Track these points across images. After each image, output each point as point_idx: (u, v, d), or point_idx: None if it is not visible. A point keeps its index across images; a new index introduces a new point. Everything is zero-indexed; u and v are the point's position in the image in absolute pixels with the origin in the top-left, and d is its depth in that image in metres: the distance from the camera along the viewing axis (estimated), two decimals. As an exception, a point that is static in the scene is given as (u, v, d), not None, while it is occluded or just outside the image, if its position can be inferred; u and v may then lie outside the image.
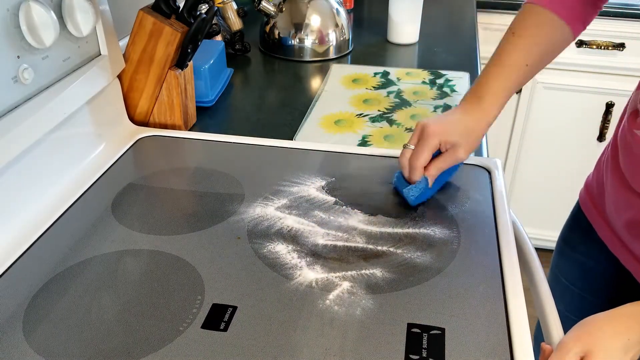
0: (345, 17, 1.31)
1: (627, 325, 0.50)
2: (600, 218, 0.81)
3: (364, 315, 0.53)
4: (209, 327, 0.52)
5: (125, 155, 0.81)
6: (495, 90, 0.70)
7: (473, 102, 0.71)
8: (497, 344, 0.50)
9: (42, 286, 0.57)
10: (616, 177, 0.73)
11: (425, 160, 0.68)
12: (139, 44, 0.83)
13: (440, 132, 0.68)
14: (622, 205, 0.72)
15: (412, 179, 0.69)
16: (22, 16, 0.61)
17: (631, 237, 0.72)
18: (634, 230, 0.71)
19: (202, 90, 1.00)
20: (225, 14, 1.23)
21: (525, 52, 0.70)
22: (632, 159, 0.69)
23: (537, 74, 0.74)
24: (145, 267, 0.60)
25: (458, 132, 0.69)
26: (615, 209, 0.75)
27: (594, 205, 0.83)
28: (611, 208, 0.76)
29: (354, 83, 1.13)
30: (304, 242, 0.63)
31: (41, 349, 0.50)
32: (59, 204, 0.70)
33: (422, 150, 0.68)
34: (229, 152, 0.82)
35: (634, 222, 0.71)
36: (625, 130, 0.70)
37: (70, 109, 0.72)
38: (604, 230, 0.80)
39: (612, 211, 0.76)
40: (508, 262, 0.60)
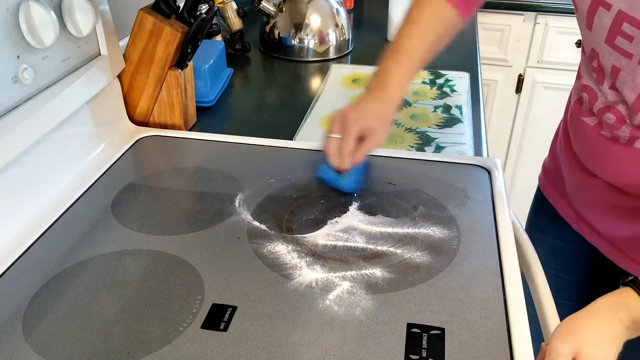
0: (345, 17, 1.31)
1: (606, 319, 0.52)
2: (562, 200, 0.85)
3: (363, 315, 0.53)
4: (209, 327, 0.52)
5: (125, 155, 0.81)
6: (398, 76, 0.74)
7: (379, 89, 0.74)
8: (497, 344, 0.50)
9: (42, 286, 0.57)
10: (571, 161, 0.78)
11: (353, 147, 0.70)
12: (139, 44, 0.83)
13: (360, 119, 0.71)
14: (581, 186, 0.77)
15: (343, 167, 0.70)
16: (22, 16, 0.61)
17: (594, 216, 0.76)
18: (595, 210, 0.75)
19: (202, 90, 1.00)
20: (225, 14, 1.23)
21: (421, 38, 0.75)
22: (584, 143, 0.72)
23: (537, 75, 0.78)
24: (145, 267, 0.60)
25: (375, 118, 0.72)
26: (575, 191, 0.79)
27: (554, 188, 0.87)
28: (571, 189, 0.80)
29: (354, 83, 1.12)
30: (304, 242, 0.63)
31: (41, 349, 0.50)
32: (59, 204, 0.69)
33: (348, 138, 0.70)
34: (229, 152, 0.82)
35: (594, 201, 0.75)
36: (574, 117, 0.74)
37: (70, 109, 0.72)
38: (566, 211, 0.84)
39: (573, 192, 0.80)
40: (508, 262, 0.60)
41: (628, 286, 0.54)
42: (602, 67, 0.64)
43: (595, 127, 0.69)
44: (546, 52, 1.79)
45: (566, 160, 0.80)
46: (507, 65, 1.85)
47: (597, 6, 0.60)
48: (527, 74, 1.84)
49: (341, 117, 0.71)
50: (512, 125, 1.94)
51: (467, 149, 0.87)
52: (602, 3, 0.60)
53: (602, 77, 0.65)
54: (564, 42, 1.75)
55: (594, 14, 0.61)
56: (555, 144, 0.88)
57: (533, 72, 1.83)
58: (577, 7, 0.65)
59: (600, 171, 0.71)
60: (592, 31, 0.63)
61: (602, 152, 0.69)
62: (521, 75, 1.85)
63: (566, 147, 0.80)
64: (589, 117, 0.70)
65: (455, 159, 0.80)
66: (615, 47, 0.61)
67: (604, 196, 0.73)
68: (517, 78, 1.86)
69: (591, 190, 0.75)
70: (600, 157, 0.70)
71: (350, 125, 0.69)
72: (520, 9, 1.75)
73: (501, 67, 1.86)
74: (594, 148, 0.70)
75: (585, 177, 0.75)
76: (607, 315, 0.52)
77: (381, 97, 0.73)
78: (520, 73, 1.85)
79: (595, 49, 0.65)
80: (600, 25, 0.61)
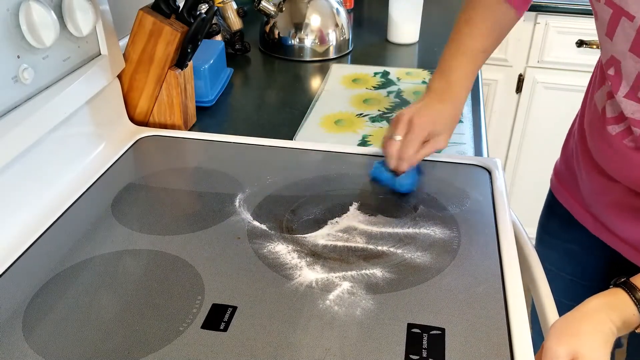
0: (345, 17, 1.31)
1: (599, 320, 0.52)
2: (577, 204, 0.83)
3: (364, 316, 0.53)
4: (209, 327, 0.52)
5: (125, 155, 0.81)
6: (462, 77, 0.74)
7: (445, 92, 0.74)
8: (497, 344, 0.50)
9: (42, 286, 0.57)
10: (589, 165, 0.76)
11: (416, 152, 0.70)
12: (139, 43, 0.83)
13: (428, 124, 0.71)
14: (599, 190, 0.75)
15: (401, 169, 0.71)
16: (22, 16, 0.61)
17: (614, 219, 0.75)
18: (615, 213, 0.74)
19: (202, 90, 1.00)
20: (225, 14, 1.23)
21: (482, 38, 0.75)
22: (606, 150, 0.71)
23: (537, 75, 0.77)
24: (145, 267, 0.60)
25: (443, 122, 0.72)
26: (593, 194, 0.78)
27: (567, 192, 0.85)
28: (588, 193, 0.79)
29: (354, 83, 1.12)
30: (304, 242, 0.63)
31: (41, 349, 0.50)
32: (59, 204, 0.69)
33: (413, 143, 0.70)
34: (229, 152, 0.82)
35: (614, 204, 0.73)
36: (597, 125, 0.72)
37: (70, 109, 0.72)
38: (582, 215, 0.82)
39: (590, 196, 0.79)
40: (508, 262, 0.60)
41: (619, 287, 0.55)
42: (621, 75, 0.63)
43: (618, 136, 0.67)
44: (546, 52, 1.79)
45: (583, 164, 0.78)
46: (507, 65, 1.85)
47: (619, 16, 0.59)
48: (527, 73, 1.84)
49: (408, 120, 0.71)
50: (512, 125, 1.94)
51: (467, 149, 0.87)
52: (624, 13, 0.58)
53: (618, 85, 0.64)
54: (564, 42, 1.75)
55: (616, 23, 0.60)
56: (567, 146, 0.87)
57: (533, 72, 1.83)
58: (597, 16, 0.63)
59: (623, 177, 0.70)
60: (614, 40, 0.61)
61: (625, 159, 0.68)
62: (521, 75, 1.85)
63: (582, 152, 0.78)
64: (612, 125, 0.68)
65: (455, 159, 0.80)
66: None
67: (625, 200, 0.72)
68: (517, 78, 1.86)
69: (611, 194, 0.73)
70: (623, 164, 0.68)
71: (418, 131, 0.69)
72: (520, 9, 1.75)
73: (501, 67, 1.85)
74: (617, 155, 0.69)
75: (605, 181, 0.73)
76: (600, 316, 0.52)
77: (447, 99, 0.73)
78: (520, 73, 1.85)
79: (616, 56, 0.63)
80: (624, 35, 0.59)
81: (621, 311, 0.53)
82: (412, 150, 0.70)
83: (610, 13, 0.60)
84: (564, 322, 0.52)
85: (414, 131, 0.70)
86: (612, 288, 0.55)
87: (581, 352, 0.49)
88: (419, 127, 0.70)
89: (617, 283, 0.55)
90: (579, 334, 0.51)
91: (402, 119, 0.71)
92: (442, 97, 0.73)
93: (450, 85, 0.74)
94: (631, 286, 0.54)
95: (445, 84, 0.74)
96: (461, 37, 0.75)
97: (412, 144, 0.70)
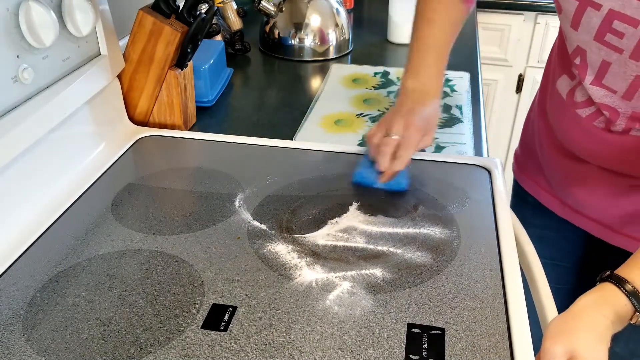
0: (345, 17, 1.31)
1: (591, 317, 0.53)
2: (542, 189, 0.88)
3: (364, 316, 0.53)
4: (209, 327, 0.52)
5: (125, 155, 0.81)
6: (434, 75, 0.77)
7: (421, 93, 0.76)
8: (497, 344, 0.50)
9: (42, 286, 0.57)
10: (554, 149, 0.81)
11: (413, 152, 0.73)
12: (139, 43, 0.83)
13: (421, 126, 0.73)
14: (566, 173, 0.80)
15: (396, 169, 0.72)
16: (22, 16, 0.61)
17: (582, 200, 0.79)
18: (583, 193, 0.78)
19: (202, 90, 1.00)
20: (225, 14, 1.23)
21: (443, 32, 0.79)
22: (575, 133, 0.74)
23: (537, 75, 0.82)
24: (145, 267, 0.60)
25: (430, 122, 0.75)
26: (559, 178, 0.82)
27: (531, 179, 0.90)
28: (554, 177, 0.83)
29: (354, 83, 1.12)
30: (304, 242, 0.63)
31: (41, 349, 0.50)
32: (59, 203, 0.69)
33: (412, 144, 0.72)
34: (229, 152, 0.82)
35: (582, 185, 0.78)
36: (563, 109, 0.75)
37: (70, 109, 0.72)
38: (548, 199, 0.87)
39: (556, 180, 0.83)
40: (508, 262, 0.60)
41: (606, 281, 0.55)
42: (587, 64, 0.67)
43: (589, 118, 0.71)
44: (546, 52, 1.78)
45: (547, 149, 0.82)
46: (507, 65, 1.85)
47: (585, 7, 0.62)
48: (527, 73, 1.84)
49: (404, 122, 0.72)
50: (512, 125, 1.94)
51: (467, 149, 0.87)
52: (591, 3, 0.61)
53: (585, 74, 0.68)
54: (564, 42, 1.75)
55: (581, 14, 0.63)
56: (526, 134, 0.91)
57: (533, 72, 1.83)
58: (562, 8, 0.67)
59: (594, 158, 0.73)
60: (579, 30, 0.65)
61: (596, 140, 0.71)
62: (521, 75, 1.85)
63: (546, 137, 0.82)
64: (582, 109, 0.71)
65: (455, 159, 0.80)
66: (605, 43, 0.63)
67: (595, 180, 0.75)
68: (517, 78, 1.86)
69: (580, 176, 0.77)
70: (594, 144, 0.72)
71: (415, 133, 0.72)
72: (520, 9, 1.75)
73: (501, 67, 1.86)
74: (589, 137, 0.72)
75: (573, 164, 0.77)
76: (592, 314, 0.53)
77: (427, 102, 0.75)
78: (520, 73, 1.85)
79: (581, 46, 0.66)
80: (589, 25, 0.63)
81: (612, 304, 0.53)
82: (411, 151, 0.72)
83: (576, 5, 0.63)
84: (559, 322, 0.53)
85: (411, 134, 0.72)
86: (600, 283, 0.55)
87: (577, 349, 0.50)
88: (416, 130, 0.72)
89: (603, 277, 0.56)
90: (575, 332, 0.51)
91: (397, 121, 0.73)
92: (424, 101, 0.75)
93: (426, 86, 0.77)
94: (619, 278, 0.54)
95: (421, 86, 0.77)
96: (425, 34, 0.79)
97: (411, 145, 0.72)
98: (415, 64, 0.78)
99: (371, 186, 0.73)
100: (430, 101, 0.76)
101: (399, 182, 0.73)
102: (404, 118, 0.73)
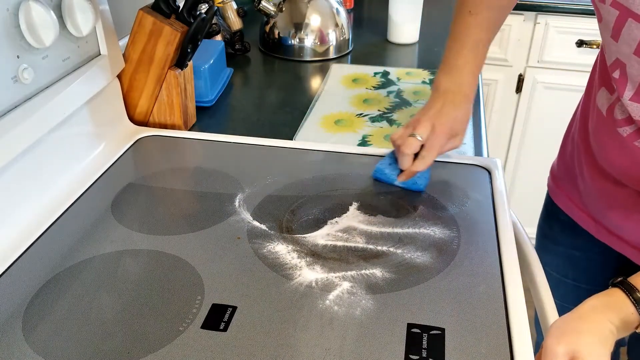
0: (345, 17, 1.31)
1: (597, 320, 0.52)
2: (577, 208, 0.83)
3: (363, 316, 0.53)
4: (209, 327, 0.52)
5: (125, 155, 0.81)
6: (470, 75, 0.75)
7: (455, 94, 0.75)
8: (497, 344, 0.50)
9: (42, 286, 0.57)
10: (593, 169, 0.76)
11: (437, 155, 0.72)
12: (139, 43, 0.83)
13: (449, 129, 0.72)
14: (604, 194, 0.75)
15: (418, 169, 0.72)
16: (22, 16, 0.61)
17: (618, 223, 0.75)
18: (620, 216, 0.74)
19: (202, 90, 1.00)
20: (225, 14, 1.23)
21: (482, 30, 0.76)
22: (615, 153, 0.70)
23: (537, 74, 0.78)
24: (145, 267, 0.60)
25: (459, 126, 0.74)
26: (596, 198, 0.77)
27: (567, 196, 0.85)
28: (591, 197, 0.78)
29: (354, 83, 1.12)
30: (304, 242, 0.63)
31: (41, 349, 0.50)
32: (59, 204, 0.69)
33: (436, 146, 0.72)
34: (229, 152, 0.82)
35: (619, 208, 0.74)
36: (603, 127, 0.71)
37: (70, 109, 0.72)
38: (584, 219, 0.82)
39: (592, 200, 0.78)
40: (508, 262, 0.60)
41: (616, 287, 0.55)
42: (627, 78, 0.62)
43: (630, 137, 0.66)
44: (546, 52, 1.79)
45: (586, 168, 0.78)
46: (507, 65, 1.85)
47: (626, 17, 0.58)
48: (528, 73, 1.84)
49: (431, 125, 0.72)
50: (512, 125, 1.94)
51: (467, 149, 0.87)
52: (632, 15, 0.57)
53: (624, 88, 0.63)
54: (564, 42, 1.75)
55: (622, 25, 0.59)
56: (565, 150, 0.86)
57: (533, 72, 1.83)
58: (602, 18, 0.62)
59: (633, 180, 0.69)
60: (619, 42, 0.60)
61: (636, 161, 0.67)
62: (521, 75, 1.85)
63: (585, 155, 0.77)
64: (622, 127, 0.67)
65: (455, 159, 0.80)
66: None
67: (632, 203, 0.71)
68: (517, 78, 1.86)
69: (618, 198, 0.73)
70: (634, 165, 0.67)
71: (441, 136, 0.71)
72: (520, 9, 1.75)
73: (501, 67, 1.85)
74: (628, 157, 0.68)
75: (611, 186, 0.73)
76: (598, 317, 0.52)
77: (460, 104, 0.74)
78: (520, 73, 1.85)
79: (621, 59, 0.62)
80: (630, 37, 0.58)
81: (619, 311, 0.53)
82: (434, 154, 0.72)
83: (616, 15, 0.59)
84: (563, 322, 0.53)
85: (437, 136, 0.71)
86: (610, 288, 0.55)
87: (580, 350, 0.50)
88: (442, 132, 0.72)
89: (614, 283, 0.55)
90: (578, 333, 0.51)
91: (423, 122, 0.72)
92: (455, 102, 0.74)
93: (460, 87, 0.75)
94: (629, 286, 0.54)
95: (454, 86, 0.75)
96: (465, 28, 0.75)
97: (435, 148, 0.72)
98: (450, 63, 0.76)
99: (389, 183, 0.74)
100: (462, 103, 0.74)
101: (416, 183, 0.73)
102: (430, 120, 0.72)
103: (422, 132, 0.71)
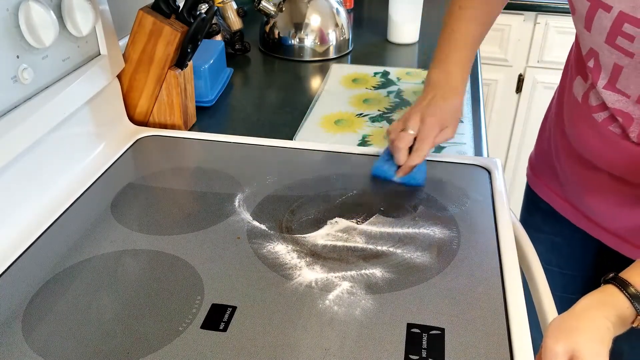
0: (345, 17, 1.31)
1: (593, 318, 0.52)
2: (556, 196, 0.86)
3: (363, 316, 0.53)
4: (209, 327, 0.52)
5: (124, 155, 0.81)
6: (459, 66, 0.76)
7: (444, 85, 0.76)
8: (497, 344, 0.50)
9: (42, 286, 0.57)
10: (570, 156, 0.79)
11: (430, 147, 0.73)
12: (139, 43, 0.83)
13: (439, 121, 0.73)
14: (582, 180, 0.78)
15: (413, 164, 0.72)
16: (22, 16, 0.61)
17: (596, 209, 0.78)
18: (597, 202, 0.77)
19: (202, 90, 1.00)
20: (225, 14, 1.23)
21: (475, 24, 0.77)
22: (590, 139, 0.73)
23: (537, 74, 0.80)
24: (145, 267, 0.60)
25: (449, 117, 0.75)
26: (574, 185, 0.80)
27: (546, 185, 0.88)
28: (569, 184, 0.81)
29: (354, 83, 1.12)
30: (304, 242, 0.63)
31: (40, 349, 0.50)
32: (59, 204, 0.69)
33: (428, 139, 0.72)
34: (229, 152, 0.82)
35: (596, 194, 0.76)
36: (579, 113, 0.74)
37: (70, 109, 0.72)
38: (563, 206, 0.85)
39: (571, 187, 0.81)
40: (508, 262, 0.60)
41: (610, 283, 0.55)
42: (601, 66, 0.65)
43: (604, 122, 0.69)
44: (546, 52, 1.79)
45: (563, 155, 0.81)
46: (507, 65, 1.85)
47: (596, 8, 0.61)
48: (528, 73, 1.84)
49: (420, 118, 0.73)
50: (512, 125, 1.94)
51: (467, 149, 0.87)
52: (601, 5, 0.60)
53: (598, 77, 0.67)
54: (564, 42, 1.75)
55: (593, 15, 0.62)
56: (542, 139, 0.89)
57: (533, 72, 1.83)
58: (575, 9, 0.66)
59: (607, 164, 0.72)
60: (592, 32, 0.64)
61: (611, 146, 0.70)
62: (521, 75, 1.85)
63: (562, 143, 0.80)
64: (597, 113, 0.70)
65: (455, 159, 0.80)
66: (616, 46, 0.62)
67: (609, 189, 0.74)
68: (518, 78, 1.86)
69: (594, 184, 0.76)
70: (609, 150, 0.70)
71: (431, 128, 0.72)
72: (520, 9, 1.75)
73: (501, 67, 1.86)
74: (604, 142, 0.70)
75: (587, 171, 0.75)
76: (594, 314, 0.53)
77: (449, 96, 0.75)
78: (520, 73, 1.85)
79: (594, 48, 0.65)
80: (600, 26, 0.62)
81: (614, 307, 0.53)
82: (428, 145, 0.72)
83: (587, 6, 0.62)
84: (561, 320, 0.53)
85: (427, 128, 0.72)
86: (603, 285, 0.55)
87: (579, 348, 0.50)
88: (432, 124, 0.72)
89: (606, 279, 0.56)
90: (576, 331, 0.51)
91: (413, 115, 0.73)
92: (444, 95, 0.75)
93: (449, 80, 0.76)
94: (622, 281, 0.54)
95: (443, 79, 0.76)
96: (455, 23, 0.77)
97: (428, 140, 0.72)
98: (440, 56, 0.77)
99: (388, 179, 0.74)
100: (451, 95, 0.75)
101: (415, 177, 0.73)
102: (420, 112, 0.73)
103: (413, 125, 0.73)
